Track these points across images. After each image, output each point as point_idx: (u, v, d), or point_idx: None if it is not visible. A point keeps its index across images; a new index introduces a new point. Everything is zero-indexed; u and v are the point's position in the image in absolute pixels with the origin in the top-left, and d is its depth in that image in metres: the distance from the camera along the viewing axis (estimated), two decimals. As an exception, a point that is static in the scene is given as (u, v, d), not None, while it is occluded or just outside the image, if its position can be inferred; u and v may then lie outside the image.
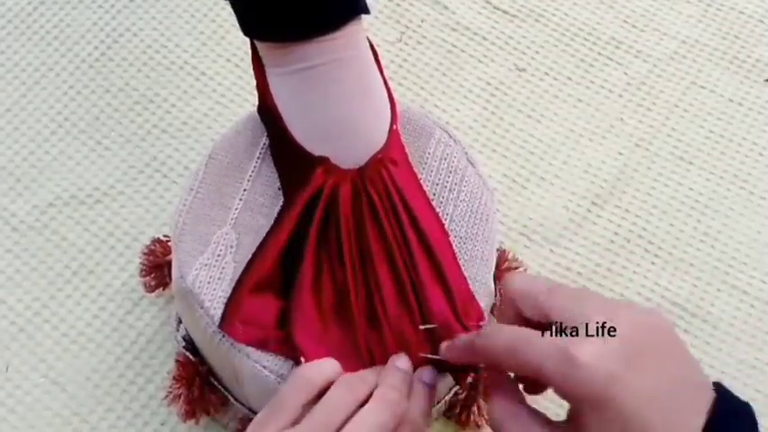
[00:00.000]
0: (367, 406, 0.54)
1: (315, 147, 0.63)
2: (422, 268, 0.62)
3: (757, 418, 0.76)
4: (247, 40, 0.68)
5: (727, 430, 0.47)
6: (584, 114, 0.92)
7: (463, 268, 0.65)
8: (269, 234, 0.64)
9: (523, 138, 0.90)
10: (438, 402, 0.70)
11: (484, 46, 0.95)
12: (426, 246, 0.63)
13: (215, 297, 0.63)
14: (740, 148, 0.90)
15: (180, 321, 0.71)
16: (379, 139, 0.64)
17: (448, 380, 0.65)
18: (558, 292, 0.51)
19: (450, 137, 0.71)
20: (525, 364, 0.49)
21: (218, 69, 0.92)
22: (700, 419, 0.47)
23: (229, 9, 0.68)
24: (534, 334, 0.49)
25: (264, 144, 0.69)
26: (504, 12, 0.98)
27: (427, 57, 0.95)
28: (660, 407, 0.46)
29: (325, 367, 0.57)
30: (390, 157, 0.64)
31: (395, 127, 0.65)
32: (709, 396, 0.48)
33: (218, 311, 0.63)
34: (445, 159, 0.69)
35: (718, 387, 0.49)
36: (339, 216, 0.62)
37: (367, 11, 0.63)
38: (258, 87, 0.68)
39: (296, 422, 0.53)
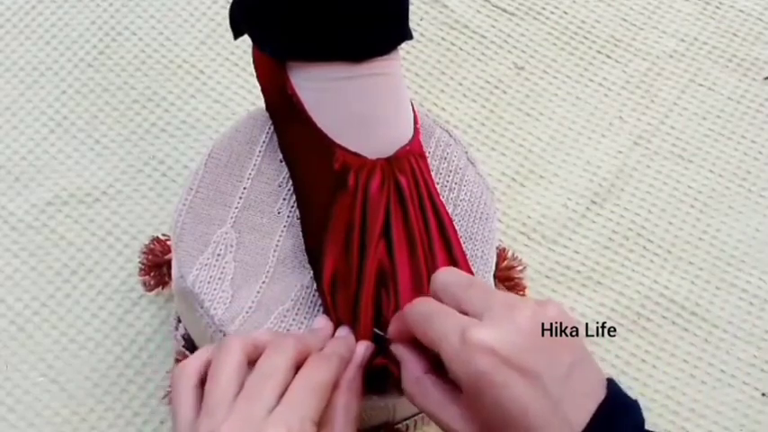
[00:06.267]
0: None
1: (341, 138, 0.64)
2: (440, 260, 0.63)
3: (757, 416, 0.77)
4: (245, 38, 0.68)
5: (610, 426, 0.49)
6: (583, 112, 0.92)
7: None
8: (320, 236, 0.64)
9: (522, 136, 0.90)
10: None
11: (483, 44, 0.95)
12: (446, 239, 0.64)
13: (215, 297, 0.63)
14: (739, 146, 0.91)
15: (179, 320, 0.71)
16: (406, 134, 0.66)
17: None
18: (472, 286, 0.53)
19: (451, 136, 0.71)
20: (429, 337, 0.52)
21: (216, 68, 0.92)
22: (585, 415, 0.49)
23: (228, 8, 0.68)
24: (452, 312, 0.52)
25: (264, 142, 0.69)
26: (503, 10, 0.98)
27: (426, 55, 0.94)
28: (544, 403, 0.48)
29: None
30: (418, 151, 0.66)
31: (418, 126, 0.67)
32: (600, 394, 0.50)
33: (218, 311, 0.63)
34: (445, 159, 0.70)
35: (611, 384, 0.51)
36: (368, 204, 0.63)
37: (411, 36, 0.65)
38: (267, 82, 0.68)
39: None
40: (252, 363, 0.54)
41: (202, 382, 0.55)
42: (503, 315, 0.50)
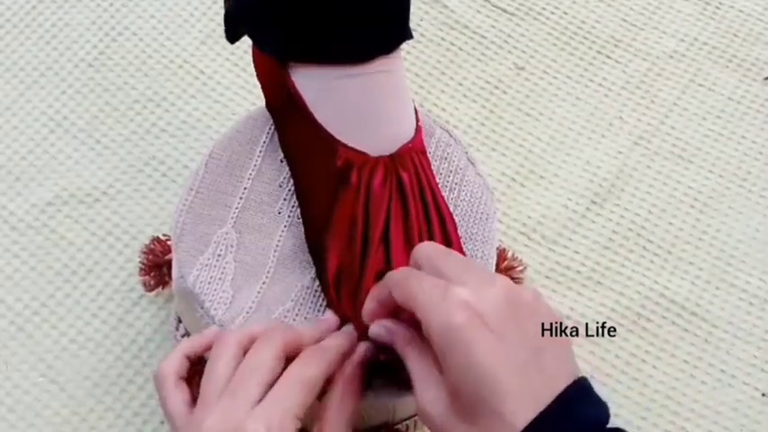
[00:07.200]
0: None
1: (344, 135, 0.64)
2: None
3: (757, 416, 0.77)
4: (245, 38, 0.68)
5: (571, 412, 0.49)
6: (583, 113, 0.92)
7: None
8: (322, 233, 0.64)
9: (522, 136, 0.90)
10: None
11: (483, 44, 0.95)
12: (446, 235, 0.64)
13: (216, 297, 0.63)
14: (739, 147, 0.91)
15: (179, 320, 0.71)
16: (408, 131, 0.66)
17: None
18: (451, 255, 0.55)
19: (451, 136, 0.71)
20: (408, 294, 0.53)
21: (216, 68, 0.92)
22: (551, 393, 0.48)
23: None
24: (431, 276, 0.53)
25: (264, 143, 0.69)
26: (503, 10, 0.98)
27: (426, 55, 0.94)
28: (511, 370, 0.48)
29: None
30: (420, 148, 0.66)
31: (420, 124, 0.67)
32: (568, 379, 0.50)
33: (218, 311, 0.63)
34: (446, 159, 0.70)
35: (583, 378, 0.50)
36: (370, 201, 0.63)
37: (411, 36, 0.66)
38: (268, 80, 0.68)
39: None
40: None
41: (188, 377, 0.56)
42: (481, 282, 0.51)
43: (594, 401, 0.50)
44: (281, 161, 0.69)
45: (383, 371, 0.60)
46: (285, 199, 0.68)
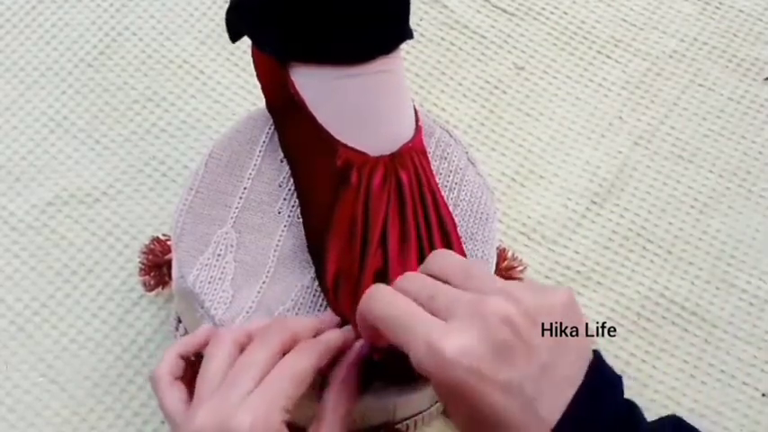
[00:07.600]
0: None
1: (343, 135, 0.64)
2: None
3: (757, 416, 0.77)
4: (245, 38, 0.68)
5: (583, 416, 0.49)
6: (582, 113, 0.92)
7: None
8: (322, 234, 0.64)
9: (522, 136, 0.90)
10: (437, 401, 0.70)
11: (483, 44, 0.96)
12: (446, 235, 0.64)
13: (216, 297, 0.63)
14: (739, 146, 0.91)
15: (179, 320, 0.71)
16: (408, 131, 0.66)
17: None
18: (435, 298, 0.51)
19: (451, 136, 0.71)
20: (399, 341, 0.51)
21: (216, 68, 0.92)
22: (561, 406, 0.48)
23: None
24: (418, 313, 0.51)
25: (264, 142, 0.69)
26: (503, 10, 0.98)
27: (426, 55, 0.94)
28: (521, 401, 0.48)
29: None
30: (420, 148, 0.66)
31: (420, 124, 0.67)
32: (577, 380, 0.49)
33: (218, 311, 0.63)
34: (445, 159, 0.70)
35: (592, 365, 0.50)
36: (370, 201, 0.63)
37: (411, 35, 0.66)
38: (268, 81, 0.68)
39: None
40: None
41: (187, 377, 0.57)
42: (469, 320, 0.49)
43: (605, 390, 0.50)
44: (281, 161, 0.69)
45: (383, 371, 0.60)
46: (285, 199, 0.68)
